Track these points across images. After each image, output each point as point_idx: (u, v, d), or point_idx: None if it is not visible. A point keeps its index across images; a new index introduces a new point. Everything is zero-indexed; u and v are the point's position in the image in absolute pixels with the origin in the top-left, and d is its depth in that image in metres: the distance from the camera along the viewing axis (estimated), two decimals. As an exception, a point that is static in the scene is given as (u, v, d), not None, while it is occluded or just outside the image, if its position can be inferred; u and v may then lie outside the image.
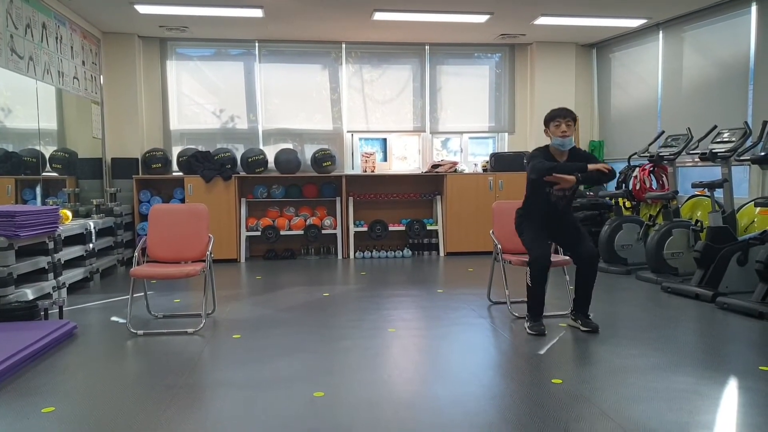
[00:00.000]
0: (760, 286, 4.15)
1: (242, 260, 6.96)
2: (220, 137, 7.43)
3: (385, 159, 7.68)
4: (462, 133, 7.87)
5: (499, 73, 7.87)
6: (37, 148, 5.42)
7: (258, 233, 7.04)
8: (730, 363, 3.20)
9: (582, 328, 3.79)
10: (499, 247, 4.32)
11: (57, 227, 4.62)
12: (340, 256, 7.19)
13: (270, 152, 7.26)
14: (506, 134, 7.93)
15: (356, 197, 7.36)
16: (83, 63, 6.25)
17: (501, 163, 7.29)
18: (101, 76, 6.78)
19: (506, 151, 7.75)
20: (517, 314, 4.12)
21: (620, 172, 6.65)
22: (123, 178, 6.86)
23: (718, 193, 5.03)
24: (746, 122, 5.09)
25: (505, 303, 4.27)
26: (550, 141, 3.78)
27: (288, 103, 7.51)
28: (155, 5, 5.82)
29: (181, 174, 7.00)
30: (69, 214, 5.28)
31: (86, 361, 3.33)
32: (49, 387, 2.88)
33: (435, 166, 7.36)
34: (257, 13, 6.01)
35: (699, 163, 5.95)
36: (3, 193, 5.10)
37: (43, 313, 3.94)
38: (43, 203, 5.39)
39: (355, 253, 7.24)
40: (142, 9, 5.89)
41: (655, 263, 5.35)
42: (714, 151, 4.97)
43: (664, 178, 6.16)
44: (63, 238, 4.83)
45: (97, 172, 6.69)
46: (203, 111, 7.42)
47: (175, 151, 7.26)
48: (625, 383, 2.86)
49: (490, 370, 3.17)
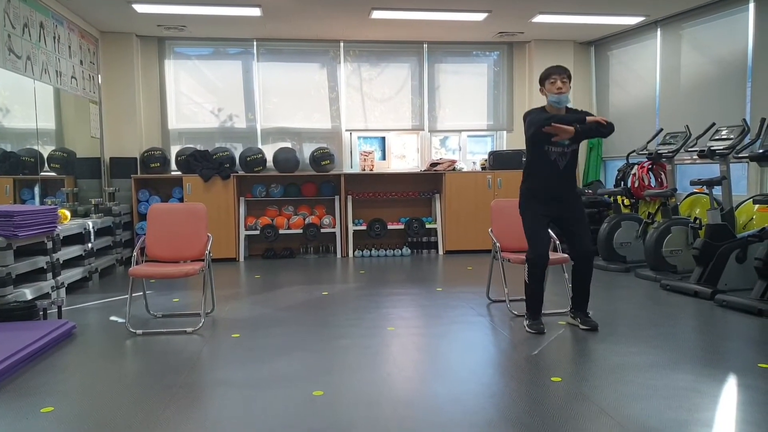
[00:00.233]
0: (759, 283, 4.16)
1: (241, 259, 6.96)
2: (219, 136, 7.43)
3: (383, 157, 7.68)
4: (460, 131, 7.87)
5: (498, 71, 7.86)
6: (36, 147, 5.41)
7: (257, 232, 7.04)
8: (729, 360, 3.20)
9: (581, 326, 3.80)
10: (497, 245, 4.32)
11: (55, 227, 4.62)
12: (339, 255, 7.19)
13: (268, 151, 7.25)
14: (505, 132, 7.93)
15: (355, 196, 7.36)
16: (81, 62, 6.24)
17: (499, 161, 7.29)
18: (99, 76, 6.77)
19: (505, 149, 7.76)
20: (516, 312, 4.13)
21: (619, 170, 6.66)
22: (121, 177, 6.86)
23: (717, 191, 5.03)
24: (744, 119, 5.10)
25: (504, 301, 4.28)
26: (546, 99, 3.73)
27: (286, 102, 7.50)
28: (153, 4, 5.81)
29: (179, 173, 7.00)
30: (67, 213, 5.27)
31: (85, 361, 3.33)
32: (48, 387, 2.87)
33: (434, 164, 7.36)
34: (255, 12, 6.01)
35: (697, 161, 5.95)
36: (1, 193, 5.09)
37: (41, 312, 3.94)
38: (42, 203, 5.39)
39: (354, 251, 7.24)
40: (140, 8, 5.88)
41: (653, 261, 5.36)
42: (712, 148, 4.97)
43: (663, 176, 6.16)
44: (62, 237, 4.83)
45: (95, 172, 6.68)
46: (201, 110, 7.41)
47: (174, 150, 7.26)
48: (624, 381, 2.86)
49: (490, 368, 3.17)
